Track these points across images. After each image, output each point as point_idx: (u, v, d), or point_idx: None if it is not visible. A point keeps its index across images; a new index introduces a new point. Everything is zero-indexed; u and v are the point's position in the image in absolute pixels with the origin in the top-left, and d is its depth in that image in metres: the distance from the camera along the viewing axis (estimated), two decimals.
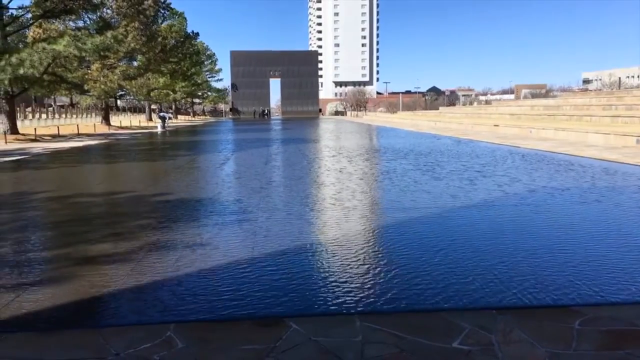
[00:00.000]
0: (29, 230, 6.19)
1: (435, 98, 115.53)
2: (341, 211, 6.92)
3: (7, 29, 26.19)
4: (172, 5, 51.30)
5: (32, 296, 3.83)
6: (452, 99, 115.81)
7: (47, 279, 4.27)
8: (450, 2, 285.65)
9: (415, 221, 6.25)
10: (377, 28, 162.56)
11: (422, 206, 7.23)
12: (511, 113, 33.99)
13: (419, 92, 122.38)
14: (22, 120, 35.93)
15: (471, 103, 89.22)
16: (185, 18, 57.93)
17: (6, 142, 23.24)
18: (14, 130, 26.53)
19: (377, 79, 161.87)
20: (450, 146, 18.20)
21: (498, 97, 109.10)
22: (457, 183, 9.27)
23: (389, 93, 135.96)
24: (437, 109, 65.05)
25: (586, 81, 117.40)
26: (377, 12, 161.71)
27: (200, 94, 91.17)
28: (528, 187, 8.65)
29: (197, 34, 57.01)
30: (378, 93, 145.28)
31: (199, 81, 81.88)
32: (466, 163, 12.54)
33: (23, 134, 27.00)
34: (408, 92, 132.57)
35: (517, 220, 6.28)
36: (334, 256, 4.80)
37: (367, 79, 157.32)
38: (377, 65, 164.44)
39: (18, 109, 34.78)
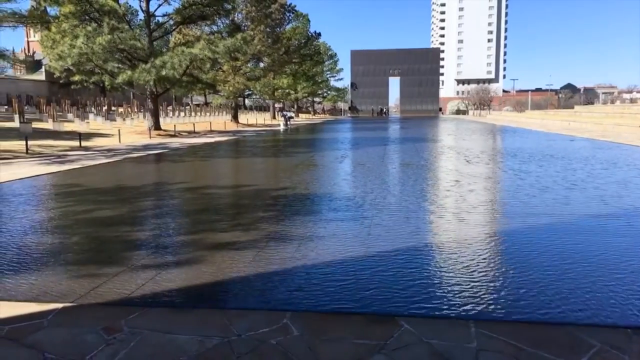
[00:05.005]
0: (166, 216, 6.88)
1: (570, 96, 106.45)
2: (465, 216, 6.70)
3: (154, 34, 29.19)
4: (296, 8, 53.30)
5: (167, 276, 4.26)
6: (589, 97, 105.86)
7: (181, 261, 4.71)
8: None
9: (549, 228, 5.84)
10: (506, 22, 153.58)
11: (555, 212, 6.72)
12: None
13: (552, 90, 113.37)
14: (164, 117, 39.78)
15: (612, 102, 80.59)
16: (309, 20, 59.76)
17: (150, 137, 25.95)
18: (157, 126, 29.55)
19: (504, 76, 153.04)
20: (587, 150, 16.67)
21: None
22: (601, 192, 8.48)
23: (516, 91, 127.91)
24: (572, 107, 59.81)
25: None
26: (506, 5, 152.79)
27: (320, 93, 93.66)
28: None
29: (319, 34, 58.54)
30: (504, 91, 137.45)
31: (320, 80, 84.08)
32: (615, 171, 11.40)
33: (164, 130, 29.95)
34: (539, 89, 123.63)
35: None
36: (452, 259, 4.67)
37: (492, 76, 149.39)
38: (504, 61, 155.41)
39: (161, 107, 38.60)
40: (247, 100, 75.19)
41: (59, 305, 3.63)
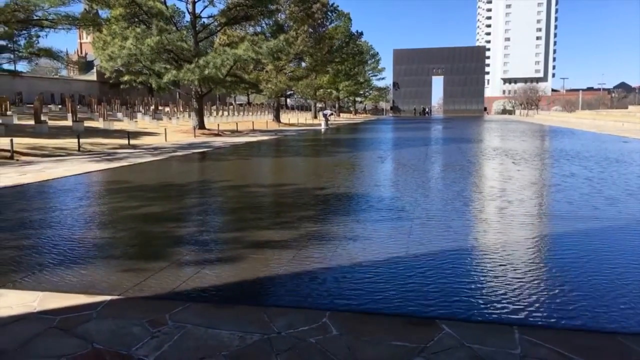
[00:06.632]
0: (210, 214, 7.03)
1: (624, 95, 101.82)
2: (510, 220, 6.53)
3: (199, 35, 29.83)
4: (338, 8, 53.27)
5: (210, 272, 4.35)
6: None
7: (223, 258, 4.80)
8: None
9: (595, 233, 5.61)
10: (556, 19, 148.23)
11: (603, 216, 6.45)
12: None
13: (604, 89, 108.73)
14: (208, 117, 40.57)
15: None
16: (350, 19, 59.57)
17: (195, 136, 26.56)
18: (201, 125, 30.20)
19: (553, 75, 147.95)
20: None
21: None
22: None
23: (566, 90, 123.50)
24: (626, 107, 57.19)
25: None
26: (556, 2, 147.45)
27: (362, 92, 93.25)
28: None
29: (361, 33, 58.35)
30: (553, 90, 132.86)
31: (361, 80, 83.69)
32: None
33: (208, 129, 30.57)
34: (590, 88, 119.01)
35: None
36: (497, 263, 4.56)
37: (540, 74, 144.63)
38: (554, 59, 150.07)
39: (205, 107, 39.41)
40: (288, 100, 75.86)
41: (107, 298, 3.77)
